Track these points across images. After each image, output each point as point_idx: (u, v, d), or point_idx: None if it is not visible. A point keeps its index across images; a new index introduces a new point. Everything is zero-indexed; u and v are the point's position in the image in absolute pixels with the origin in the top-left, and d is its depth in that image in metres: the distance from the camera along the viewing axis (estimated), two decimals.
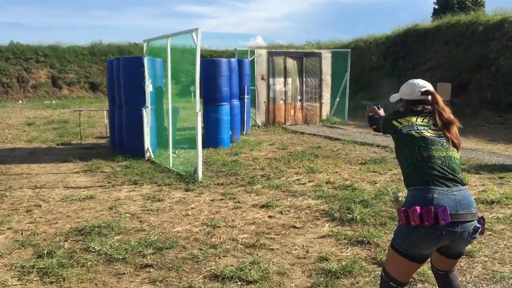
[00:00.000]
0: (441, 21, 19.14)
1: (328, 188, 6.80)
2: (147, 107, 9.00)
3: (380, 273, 3.92)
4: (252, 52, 13.77)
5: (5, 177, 7.60)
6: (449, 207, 2.38)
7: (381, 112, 3.26)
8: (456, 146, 2.65)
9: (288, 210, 5.76)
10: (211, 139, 10.29)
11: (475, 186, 6.83)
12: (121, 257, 4.24)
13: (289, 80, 14.20)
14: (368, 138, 11.60)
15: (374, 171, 7.89)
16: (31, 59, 27.80)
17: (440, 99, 2.72)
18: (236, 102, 11.11)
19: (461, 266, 4.04)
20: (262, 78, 13.77)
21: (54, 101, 25.27)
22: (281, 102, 14.21)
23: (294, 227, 5.18)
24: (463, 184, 2.52)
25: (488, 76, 15.18)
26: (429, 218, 2.36)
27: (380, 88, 18.76)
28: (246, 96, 12.27)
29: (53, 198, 6.37)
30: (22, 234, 4.95)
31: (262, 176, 7.55)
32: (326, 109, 15.05)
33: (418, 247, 2.47)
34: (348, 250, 4.47)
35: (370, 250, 4.46)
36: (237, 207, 5.88)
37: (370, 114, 3.29)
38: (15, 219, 5.44)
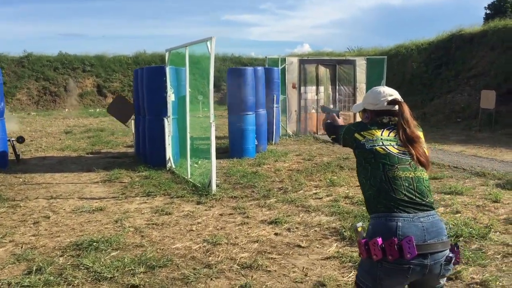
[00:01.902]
0: (487, 25, 18.23)
1: (345, 203, 6.44)
2: (169, 116, 8.93)
3: None
4: (283, 60, 13.52)
5: (25, 187, 7.70)
6: (416, 236, 2.07)
7: (340, 120, 2.89)
8: (423, 165, 2.28)
9: (296, 227, 5.46)
10: (236, 149, 10.13)
11: (508, 204, 6.27)
12: (110, 276, 4.09)
13: (321, 88, 13.85)
14: None
15: None
16: (78, 69, 28.81)
17: (407, 111, 2.35)
18: (262, 111, 10.89)
19: None
20: (294, 87, 13.50)
21: (98, 109, 26.00)
22: (313, 111, 13.87)
23: (299, 246, 4.88)
24: (433, 209, 2.20)
25: None
26: (393, 252, 2.05)
27: (420, 96, 18.10)
28: (274, 105, 12.03)
29: (64, 209, 6.36)
30: (21, 247, 4.92)
31: (279, 189, 7.28)
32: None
33: (385, 284, 2.15)
34: (351, 274, 4.13)
35: None
36: (244, 223, 5.64)
37: (329, 121, 2.92)
38: (20, 231, 5.44)
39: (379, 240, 2.08)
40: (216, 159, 7.80)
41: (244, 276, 4.13)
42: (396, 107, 2.42)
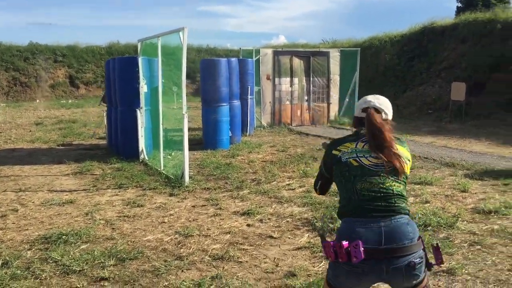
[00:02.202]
0: (458, 18, 18.52)
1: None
2: (142, 108, 8.82)
3: None
4: (258, 52, 13.49)
5: None
6: (370, 241, 2.11)
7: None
8: (396, 170, 2.25)
9: (269, 218, 5.48)
10: (210, 141, 10.09)
11: (475, 193, 6.42)
12: (79, 269, 4.04)
13: (296, 80, 13.87)
14: None
15: None
16: (50, 59, 28.12)
17: (374, 119, 2.29)
18: (236, 102, 10.86)
19: (439, 286, 3.70)
20: (268, 78, 13.48)
21: (70, 101, 25.50)
22: (287, 102, 13.89)
23: (271, 237, 4.90)
24: (401, 214, 2.21)
25: (506, 76, 14.55)
26: (342, 255, 2.12)
27: (393, 88, 18.33)
28: (249, 97, 12.01)
29: (33, 202, 6.23)
30: None
31: (252, 181, 7.28)
32: (334, 110, 14.67)
33: (343, 283, 2.23)
34: (321, 264, 4.17)
35: None
36: (217, 214, 5.64)
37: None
38: None
39: (332, 243, 2.17)
40: (190, 150, 7.76)
41: (215, 267, 4.13)
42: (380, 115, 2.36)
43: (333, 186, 2.51)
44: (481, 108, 14.52)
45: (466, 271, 3.94)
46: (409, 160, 2.34)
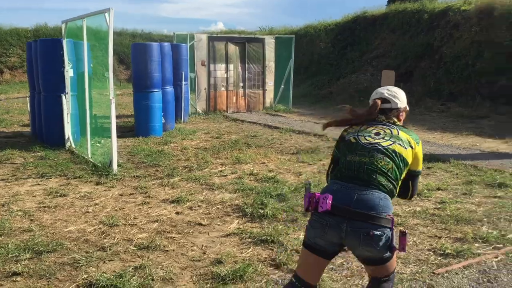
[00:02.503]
0: (389, 8, 19.09)
1: (249, 180, 6.46)
2: (67, 93, 8.38)
3: (275, 277, 3.63)
4: (192, 37, 13.21)
5: None
6: (341, 200, 2.34)
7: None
8: (388, 157, 2.46)
9: (199, 206, 5.37)
10: (142, 128, 9.79)
11: None
12: None
13: (231, 66, 13.75)
14: (307, 127, 11.36)
15: (303, 162, 7.61)
16: None
17: (372, 109, 2.63)
18: (169, 88, 10.59)
19: (361, 267, 3.76)
20: (203, 64, 13.26)
21: None
22: (223, 89, 13.76)
23: (200, 224, 4.81)
24: (378, 190, 2.38)
25: (432, 65, 15.20)
26: (312, 203, 2.38)
27: (327, 76, 18.69)
28: (183, 83, 11.75)
29: None
30: None
31: (184, 168, 7.13)
32: (269, 97, 14.71)
33: (310, 234, 2.47)
34: (249, 250, 4.13)
35: (272, 250, 4.14)
36: (145, 203, 5.45)
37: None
38: None
39: (309, 194, 2.42)
40: (121, 138, 7.50)
41: (140, 257, 3.98)
42: (386, 105, 2.66)
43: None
44: (409, 95, 14.99)
45: None
46: (411, 146, 2.51)
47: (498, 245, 4.17)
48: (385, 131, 2.55)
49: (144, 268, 3.71)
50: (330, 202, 2.31)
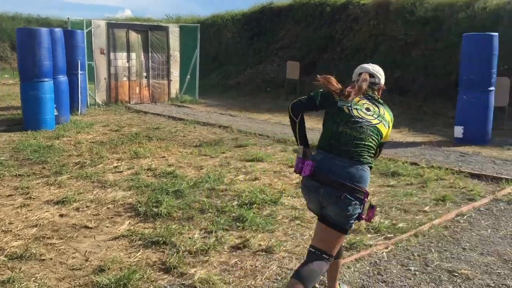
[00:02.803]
0: (294, 0, 19.34)
1: (147, 176, 6.11)
2: None
3: (163, 283, 3.38)
4: (89, 23, 12.37)
5: None
6: (322, 167, 2.68)
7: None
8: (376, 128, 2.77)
9: (87, 206, 4.95)
10: (30, 120, 8.98)
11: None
12: None
13: (133, 55, 13.11)
14: (212, 118, 11.14)
15: (205, 155, 7.37)
16: None
17: (362, 82, 2.83)
18: (63, 78, 9.82)
19: (256, 266, 3.63)
20: (102, 52, 12.49)
21: None
22: (125, 79, 13.08)
23: (86, 227, 4.41)
24: (358, 161, 2.67)
25: (334, 56, 15.63)
26: (297, 168, 2.80)
27: (234, 66, 18.59)
28: (79, 72, 10.98)
29: None
30: None
31: (75, 164, 6.59)
32: (175, 87, 14.26)
33: (303, 193, 2.90)
34: (138, 254, 3.83)
35: (163, 252, 3.87)
36: (25, 205, 4.91)
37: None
38: None
39: (300, 159, 2.81)
40: (7, 132, 6.77)
41: (10, 269, 3.53)
42: (372, 79, 2.92)
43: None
44: (313, 86, 15.37)
45: (284, 248, 3.95)
46: (389, 126, 2.86)
47: (389, 235, 4.24)
48: (373, 108, 2.82)
49: (12, 282, 3.28)
50: (311, 168, 2.68)
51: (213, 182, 5.75)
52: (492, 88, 8.45)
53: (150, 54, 13.37)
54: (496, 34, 8.44)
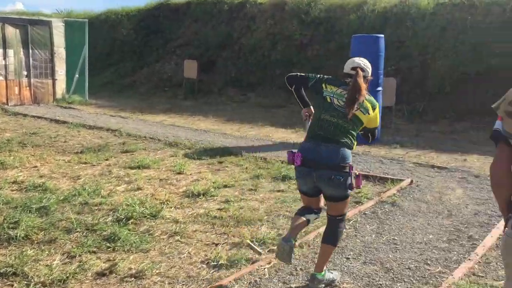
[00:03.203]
0: None
1: (11, 190, 5.37)
2: None
3: None
4: None
5: None
6: (309, 155, 3.14)
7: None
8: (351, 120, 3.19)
9: None
10: None
11: (190, 175, 6.26)
12: None
13: (11, 52, 11.85)
14: (101, 121, 10.38)
15: (86, 162, 6.72)
16: None
17: (360, 78, 3.19)
18: None
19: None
20: None
21: None
22: (1, 78, 11.79)
23: None
24: (338, 144, 3.12)
25: (232, 55, 15.42)
26: (289, 160, 3.24)
27: (130, 64, 17.74)
28: None
29: None
30: None
31: None
32: (61, 87, 13.16)
33: (298, 184, 3.40)
34: None
35: (11, 286, 3.28)
36: None
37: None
38: None
39: (291, 152, 3.24)
40: None
41: None
42: (362, 73, 3.25)
43: None
44: (211, 85, 15.10)
45: (157, 271, 3.53)
46: (368, 113, 3.22)
47: (273, 247, 3.98)
48: None
49: None
50: (300, 159, 3.15)
51: (88, 195, 5.17)
52: (380, 88, 8.65)
53: (31, 51, 12.19)
54: (382, 35, 8.67)
